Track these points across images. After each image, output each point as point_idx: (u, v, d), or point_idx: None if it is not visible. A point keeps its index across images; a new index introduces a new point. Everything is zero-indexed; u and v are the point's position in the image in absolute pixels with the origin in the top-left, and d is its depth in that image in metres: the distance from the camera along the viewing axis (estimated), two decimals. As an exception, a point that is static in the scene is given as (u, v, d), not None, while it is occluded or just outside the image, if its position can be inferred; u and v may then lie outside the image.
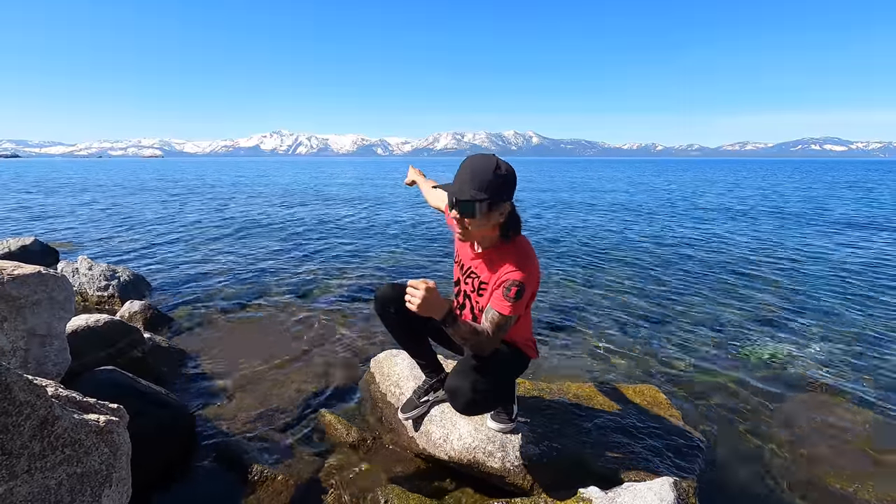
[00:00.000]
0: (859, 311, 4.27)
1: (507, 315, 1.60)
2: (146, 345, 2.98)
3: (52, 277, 2.03)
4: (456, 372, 1.73)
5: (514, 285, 1.59)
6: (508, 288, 1.59)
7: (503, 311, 1.60)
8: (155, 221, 9.84)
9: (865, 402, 2.75)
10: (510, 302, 1.59)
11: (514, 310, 1.60)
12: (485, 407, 1.81)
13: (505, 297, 1.60)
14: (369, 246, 7.30)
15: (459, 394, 1.67)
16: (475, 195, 1.53)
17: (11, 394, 1.00)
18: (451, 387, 1.71)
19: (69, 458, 1.10)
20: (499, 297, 1.61)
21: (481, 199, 1.53)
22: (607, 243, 7.62)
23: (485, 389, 1.68)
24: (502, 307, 1.60)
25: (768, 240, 7.99)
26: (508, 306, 1.59)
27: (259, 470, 1.95)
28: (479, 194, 1.53)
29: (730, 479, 2.10)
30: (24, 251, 5.49)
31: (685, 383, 2.95)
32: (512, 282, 1.60)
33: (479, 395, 1.67)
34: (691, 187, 22.52)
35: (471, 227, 1.61)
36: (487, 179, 1.54)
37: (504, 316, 1.60)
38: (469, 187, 1.55)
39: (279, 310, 4.15)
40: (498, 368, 1.76)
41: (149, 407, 2.09)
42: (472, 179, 1.55)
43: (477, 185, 1.54)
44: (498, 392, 1.83)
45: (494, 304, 1.62)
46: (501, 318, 1.60)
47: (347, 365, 3.07)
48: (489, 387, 1.71)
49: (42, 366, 1.96)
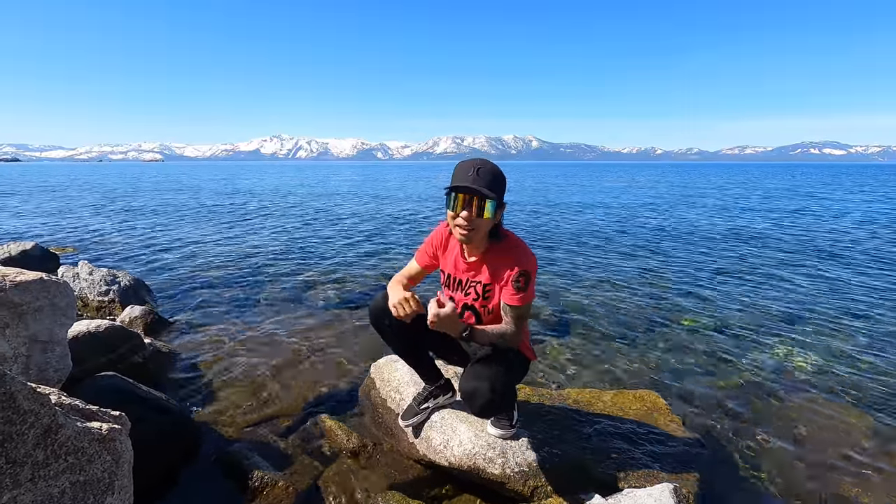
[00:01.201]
0: (860, 315, 4.27)
1: (522, 306, 1.69)
2: (147, 350, 2.98)
3: (53, 284, 2.04)
4: (471, 375, 1.73)
5: (521, 276, 1.66)
6: (517, 280, 1.66)
7: (519, 304, 1.68)
8: (155, 226, 9.85)
9: (866, 405, 2.75)
10: (522, 293, 1.67)
11: (525, 298, 1.69)
12: (501, 407, 1.86)
13: (517, 290, 1.67)
14: (370, 250, 7.32)
15: (478, 395, 1.69)
16: (488, 194, 1.58)
17: (15, 402, 1.00)
18: (469, 389, 1.71)
19: (72, 466, 1.11)
20: (510, 291, 1.68)
21: (492, 197, 1.59)
22: (606, 247, 7.64)
23: (502, 390, 1.71)
24: (516, 300, 1.68)
25: (767, 242, 8.00)
26: (521, 297, 1.68)
27: (260, 476, 1.95)
28: (491, 193, 1.58)
29: (730, 484, 2.10)
30: (24, 256, 5.50)
31: (685, 389, 2.95)
32: (518, 273, 1.66)
33: (498, 395, 1.69)
34: (690, 189, 22.56)
35: (476, 229, 1.64)
36: (494, 180, 1.61)
37: (520, 307, 1.69)
38: (482, 185, 1.58)
39: (280, 315, 4.16)
40: (510, 369, 1.78)
41: (150, 413, 2.10)
42: (481, 178, 1.59)
43: (485, 184, 1.58)
44: (511, 392, 1.89)
45: (508, 299, 1.69)
46: (519, 310, 1.70)
47: (348, 370, 3.08)
48: (505, 388, 1.75)
49: (43, 372, 1.96)
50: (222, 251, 7.09)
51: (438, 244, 1.92)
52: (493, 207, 1.60)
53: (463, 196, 1.60)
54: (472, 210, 1.59)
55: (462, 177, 1.60)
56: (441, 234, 1.92)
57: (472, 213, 1.60)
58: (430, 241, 1.94)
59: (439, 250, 1.93)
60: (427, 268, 1.98)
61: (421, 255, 1.97)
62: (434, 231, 1.95)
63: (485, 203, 1.59)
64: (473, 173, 1.59)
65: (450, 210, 1.66)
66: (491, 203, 1.59)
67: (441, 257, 1.93)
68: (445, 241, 1.91)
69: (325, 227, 9.99)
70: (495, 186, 1.60)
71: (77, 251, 7.04)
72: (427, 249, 1.95)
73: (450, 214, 1.68)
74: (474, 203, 1.59)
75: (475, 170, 1.60)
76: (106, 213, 12.22)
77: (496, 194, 1.60)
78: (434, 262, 1.95)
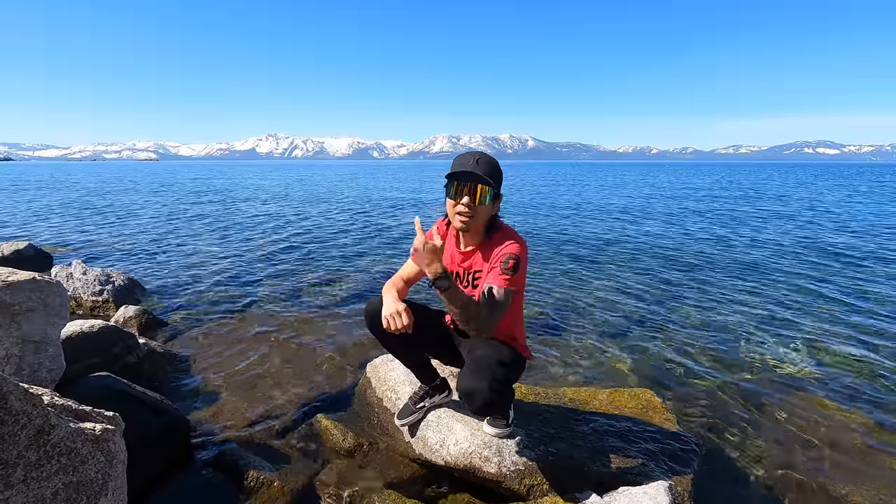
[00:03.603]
0: (857, 314, 4.31)
1: (506, 288, 1.64)
2: (141, 350, 2.96)
3: (46, 284, 2.02)
4: (469, 374, 1.70)
5: (511, 258, 1.65)
6: (506, 261, 1.65)
7: (502, 285, 1.64)
8: (149, 225, 9.80)
9: (861, 404, 2.78)
10: (509, 275, 1.64)
11: (511, 282, 1.65)
12: (499, 406, 1.85)
13: (503, 271, 1.64)
14: (365, 250, 7.30)
15: (477, 394, 1.65)
16: (488, 181, 1.63)
17: (7, 403, 1.00)
18: (468, 388, 1.66)
19: (65, 467, 1.10)
20: (497, 272, 1.66)
21: (492, 184, 1.64)
22: (602, 247, 7.66)
23: (500, 389, 1.70)
24: (501, 281, 1.64)
25: (764, 243, 8.05)
26: (507, 279, 1.64)
27: (255, 476, 1.94)
28: (490, 181, 1.63)
29: (725, 482, 2.12)
30: (17, 255, 5.46)
31: (680, 387, 2.97)
32: (509, 255, 1.66)
33: (496, 394, 1.67)
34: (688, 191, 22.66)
35: (476, 216, 1.66)
36: (493, 170, 1.66)
37: (503, 290, 1.64)
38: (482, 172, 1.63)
39: (275, 314, 4.15)
40: (508, 367, 1.78)
41: (144, 413, 2.08)
42: (481, 167, 1.63)
43: (485, 173, 1.63)
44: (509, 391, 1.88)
45: (493, 279, 1.66)
46: (501, 291, 1.64)
47: (343, 370, 3.07)
48: (503, 386, 1.74)
49: (36, 372, 1.95)
50: (217, 251, 7.06)
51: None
52: (491, 194, 1.66)
53: (464, 183, 1.65)
54: (474, 197, 1.64)
55: (462, 166, 1.66)
56: (437, 231, 1.92)
57: (473, 200, 1.64)
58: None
59: None
60: None
61: None
62: (429, 230, 1.95)
63: (485, 190, 1.64)
64: (473, 163, 1.65)
65: (450, 198, 1.69)
66: (490, 190, 1.65)
67: None
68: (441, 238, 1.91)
69: (321, 226, 9.96)
70: (493, 175, 1.66)
71: (70, 250, 6.99)
72: None
73: (450, 203, 1.70)
74: (476, 191, 1.64)
75: (475, 160, 1.66)
76: (99, 212, 12.13)
77: (495, 183, 1.66)
78: None
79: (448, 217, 1.78)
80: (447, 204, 1.73)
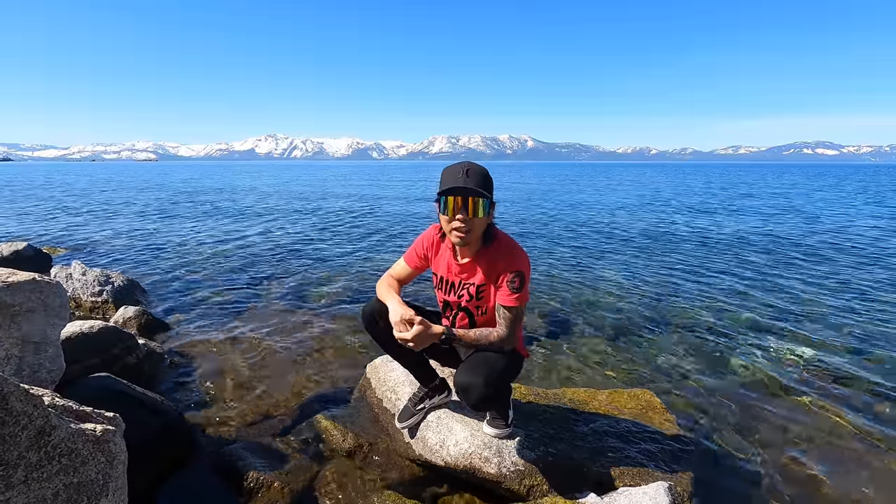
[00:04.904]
0: (857, 315, 4.31)
1: (518, 306, 1.70)
2: (141, 351, 2.96)
3: (46, 284, 2.02)
4: (465, 369, 1.72)
5: (517, 276, 1.68)
6: (512, 280, 1.68)
7: (513, 304, 1.69)
8: (149, 226, 9.79)
9: (860, 404, 2.78)
10: (518, 293, 1.69)
11: (521, 299, 1.70)
12: (495, 401, 1.86)
13: (512, 291, 1.68)
14: (364, 250, 7.31)
15: (473, 389, 1.67)
16: (482, 192, 1.61)
17: (8, 404, 1.00)
18: (464, 383, 1.69)
19: (66, 467, 1.10)
20: (505, 292, 1.69)
21: (486, 195, 1.62)
22: (601, 247, 7.66)
23: (496, 384, 1.70)
24: (512, 300, 1.69)
25: (764, 243, 8.06)
26: (517, 297, 1.69)
27: (255, 477, 1.94)
28: (483, 192, 1.62)
29: (724, 482, 2.12)
30: (16, 256, 5.46)
31: (680, 387, 2.97)
32: (514, 274, 1.68)
33: (492, 388, 1.68)
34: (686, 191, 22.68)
35: (473, 230, 1.65)
36: (483, 180, 1.64)
37: (516, 308, 1.70)
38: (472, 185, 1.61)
39: (275, 315, 4.15)
40: (504, 363, 1.78)
41: (144, 414, 2.09)
42: (471, 179, 1.61)
43: (475, 184, 1.61)
44: (505, 387, 1.90)
45: (503, 300, 1.70)
46: (516, 310, 1.70)
47: (343, 370, 3.07)
48: (499, 381, 1.75)
49: (36, 373, 1.94)
50: (217, 252, 7.05)
51: (429, 246, 1.92)
52: (486, 206, 1.64)
53: (456, 198, 1.62)
54: (468, 211, 1.62)
55: (452, 180, 1.62)
56: (432, 236, 1.92)
57: (467, 213, 1.62)
58: (420, 243, 1.94)
59: (430, 252, 1.93)
60: (417, 269, 1.98)
61: (410, 256, 1.97)
62: (424, 233, 1.95)
63: (478, 202, 1.62)
64: (463, 175, 1.62)
65: (444, 215, 1.67)
66: (484, 201, 1.63)
67: (432, 260, 1.93)
68: (437, 245, 1.91)
69: (320, 227, 9.96)
70: (485, 185, 1.64)
71: (70, 251, 6.99)
72: (417, 251, 1.95)
73: (444, 219, 1.69)
74: (469, 204, 1.61)
75: (464, 171, 1.63)
76: (99, 212, 12.13)
77: (489, 194, 1.65)
78: (424, 263, 1.96)
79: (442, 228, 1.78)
80: (441, 220, 1.71)
